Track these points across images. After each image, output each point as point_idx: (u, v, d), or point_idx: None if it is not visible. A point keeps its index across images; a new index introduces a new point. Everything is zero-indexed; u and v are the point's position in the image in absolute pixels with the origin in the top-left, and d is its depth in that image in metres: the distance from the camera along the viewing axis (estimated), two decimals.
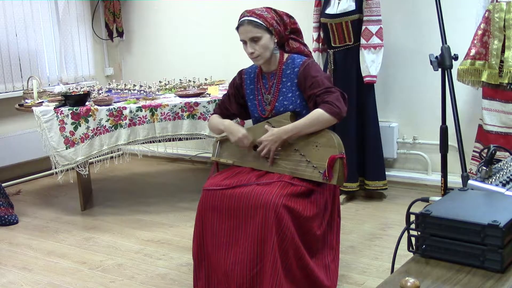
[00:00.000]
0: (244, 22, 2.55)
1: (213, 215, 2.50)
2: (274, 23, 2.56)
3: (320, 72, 2.56)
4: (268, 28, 2.54)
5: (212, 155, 2.84)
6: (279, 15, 2.61)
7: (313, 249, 2.49)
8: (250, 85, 2.72)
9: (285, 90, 2.60)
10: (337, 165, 2.39)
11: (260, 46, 2.53)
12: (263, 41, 2.53)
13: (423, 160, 4.25)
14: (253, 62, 2.65)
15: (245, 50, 2.58)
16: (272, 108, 2.62)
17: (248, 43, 2.55)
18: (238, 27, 2.58)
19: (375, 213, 3.83)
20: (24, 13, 4.98)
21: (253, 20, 2.52)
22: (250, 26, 2.52)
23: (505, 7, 3.20)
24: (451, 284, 1.29)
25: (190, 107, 3.84)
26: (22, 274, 3.14)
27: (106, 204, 4.33)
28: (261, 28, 2.53)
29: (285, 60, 2.62)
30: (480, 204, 1.50)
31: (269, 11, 2.59)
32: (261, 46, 2.53)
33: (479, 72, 3.41)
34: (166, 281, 2.95)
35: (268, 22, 2.54)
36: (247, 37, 2.54)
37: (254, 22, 2.52)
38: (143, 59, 5.70)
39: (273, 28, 2.55)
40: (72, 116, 3.78)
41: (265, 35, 2.53)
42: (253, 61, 2.63)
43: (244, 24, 2.54)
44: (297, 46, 2.68)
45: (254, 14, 2.54)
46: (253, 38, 2.53)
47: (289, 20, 2.65)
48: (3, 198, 4.01)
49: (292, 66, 2.59)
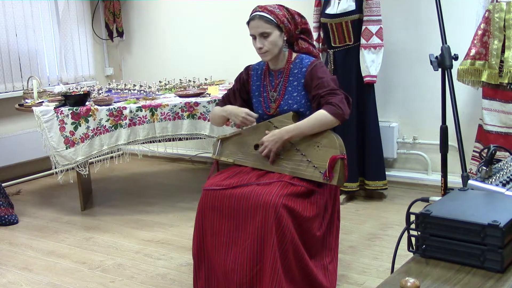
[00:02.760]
0: (255, 16, 2.56)
1: (213, 215, 2.50)
2: (285, 21, 2.57)
3: (327, 73, 2.56)
4: (279, 25, 2.55)
5: (213, 154, 2.84)
6: (291, 13, 2.63)
7: (312, 250, 2.49)
8: (256, 81, 2.73)
9: (291, 89, 2.60)
10: (338, 165, 2.39)
11: (269, 42, 2.54)
12: (272, 37, 2.54)
13: (423, 160, 4.25)
14: (261, 58, 2.65)
15: (254, 45, 2.59)
16: (277, 106, 2.63)
17: (258, 38, 2.56)
18: (249, 22, 2.59)
19: (375, 213, 3.83)
20: (24, 13, 4.98)
21: (264, 16, 2.54)
22: (261, 21, 2.54)
23: (505, 7, 3.20)
24: (451, 284, 1.29)
25: (190, 107, 3.84)
26: (22, 274, 3.14)
27: (106, 204, 4.33)
28: (272, 24, 2.54)
29: (293, 60, 2.63)
30: (480, 204, 1.50)
31: (281, 9, 2.60)
32: (270, 42, 2.54)
33: (479, 72, 3.40)
34: (166, 281, 2.95)
35: (279, 19, 2.55)
36: (257, 32, 2.55)
37: (265, 17, 2.54)
38: (143, 59, 5.70)
39: (283, 26, 2.56)
40: (72, 116, 3.78)
41: (275, 32, 2.55)
42: (260, 57, 2.63)
43: (255, 19, 2.55)
44: (306, 46, 2.69)
45: (266, 10, 2.56)
46: (263, 34, 2.54)
47: (300, 20, 2.66)
48: (3, 198, 4.00)
49: (300, 66, 2.60)
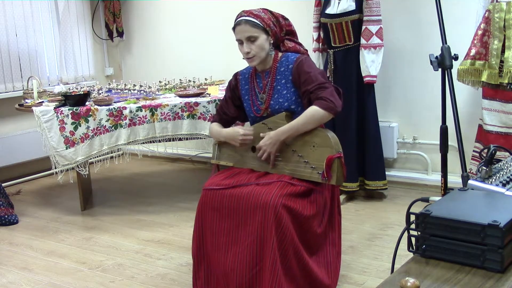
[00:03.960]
0: (241, 21, 2.56)
1: (213, 215, 2.50)
2: (271, 24, 2.58)
3: (314, 67, 2.55)
4: (265, 28, 2.55)
5: (212, 158, 2.84)
6: (275, 16, 2.63)
7: (313, 247, 2.49)
8: (245, 85, 2.73)
9: (280, 87, 2.59)
10: (335, 165, 2.38)
11: (256, 46, 2.54)
12: (259, 41, 2.54)
13: (423, 160, 4.25)
14: (248, 63, 2.65)
15: (241, 50, 2.59)
16: (266, 107, 2.62)
17: (245, 42, 2.55)
18: (234, 27, 2.59)
19: (375, 213, 3.83)
20: (24, 13, 4.97)
21: (250, 20, 2.54)
22: (247, 26, 2.53)
23: (505, 7, 3.20)
24: (451, 284, 1.29)
25: (190, 107, 3.84)
26: (22, 274, 3.14)
27: (106, 204, 4.33)
28: (258, 28, 2.54)
29: (279, 58, 2.62)
30: (480, 204, 1.50)
31: (266, 12, 2.61)
32: (258, 46, 2.54)
33: (479, 72, 3.40)
34: (166, 281, 2.95)
35: (265, 22, 2.55)
36: (243, 37, 2.55)
37: (251, 21, 2.53)
38: (143, 59, 5.70)
39: (269, 29, 2.56)
40: (72, 116, 3.78)
41: (261, 35, 2.54)
42: (247, 62, 2.62)
43: (241, 24, 2.55)
44: (292, 45, 2.68)
45: (252, 14, 2.56)
46: (250, 38, 2.54)
47: (284, 22, 2.66)
48: (3, 198, 4.00)
49: (286, 63, 2.59)
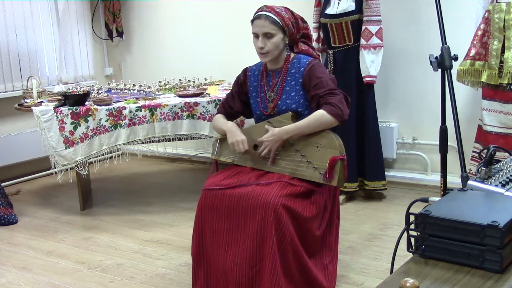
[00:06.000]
0: (261, 16, 2.55)
1: (213, 215, 2.50)
2: (290, 24, 2.58)
3: (326, 73, 2.56)
4: (284, 28, 2.55)
5: (212, 154, 2.84)
6: (295, 17, 2.63)
7: (311, 249, 2.49)
8: (253, 82, 2.73)
9: (289, 88, 2.60)
10: (337, 166, 2.39)
11: (271, 43, 2.54)
12: (275, 39, 2.54)
13: (423, 160, 4.25)
14: (260, 58, 2.64)
15: (255, 44, 2.58)
16: (274, 106, 2.62)
17: (260, 37, 2.55)
18: (253, 20, 2.58)
19: (375, 213, 3.83)
20: (24, 13, 4.97)
21: (270, 16, 2.54)
22: (267, 21, 2.53)
23: (505, 7, 3.20)
24: (450, 285, 1.29)
25: (190, 107, 3.84)
26: (21, 274, 3.14)
27: (105, 204, 4.33)
28: (277, 26, 2.54)
29: (291, 59, 2.63)
30: (479, 204, 1.50)
31: (287, 12, 2.61)
32: (273, 44, 2.54)
33: (479, 72, 3.40)
34: (165, 281, 2.95)
35: (285, 22, 2.55)
36: (261, 32, 2.55)
37: (271, 18, 2.53)
38: (143, 59, 5.70)
39: (288, 29, 2.57)
40: (72, 116, 3.77)
41: (279, 34, 2.55)
42: (260, 57, 2.62)
43: (261, 18, 2.55)
44: (306, 48, 2.69)
45: (273, 11, 2.55)
46: (267, 34, 2.54)
47: (302, 25, 2.67)
48: (3, 197, 4.00)
49: (297, 65, 2.59)
